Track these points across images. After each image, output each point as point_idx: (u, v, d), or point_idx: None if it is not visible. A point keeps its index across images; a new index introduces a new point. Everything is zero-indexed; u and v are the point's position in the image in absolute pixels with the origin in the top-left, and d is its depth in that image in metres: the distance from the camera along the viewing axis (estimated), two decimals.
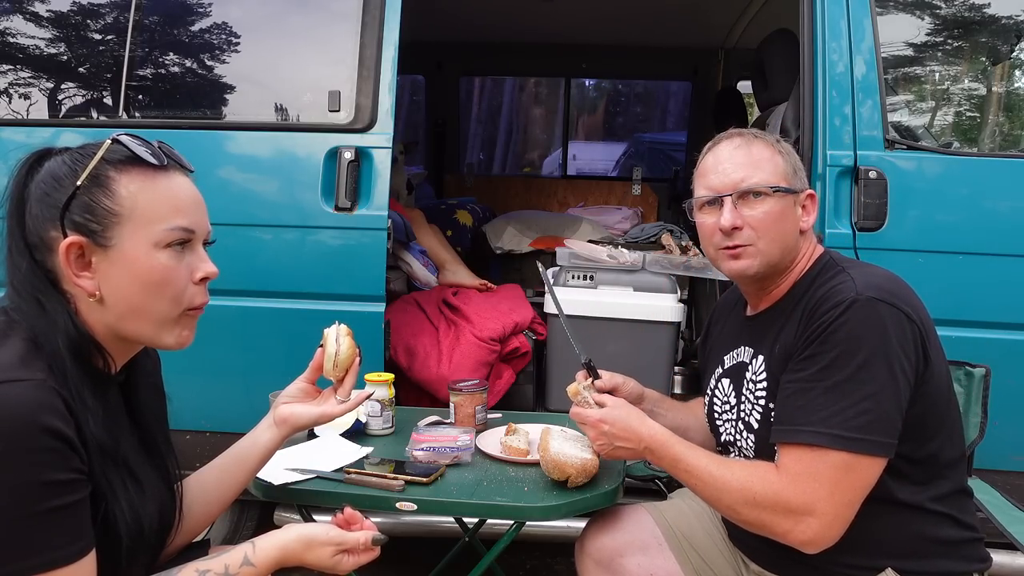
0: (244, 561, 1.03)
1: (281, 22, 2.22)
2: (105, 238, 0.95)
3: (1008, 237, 1.97)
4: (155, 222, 0.97)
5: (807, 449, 1.14)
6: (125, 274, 0.96)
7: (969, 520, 1.25)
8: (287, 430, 1.26)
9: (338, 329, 1.32)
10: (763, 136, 1.33)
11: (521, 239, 3.50)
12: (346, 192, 2.05)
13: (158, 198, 0.98)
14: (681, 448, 1.27)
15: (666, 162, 5.14)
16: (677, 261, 2.54)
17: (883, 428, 1.13)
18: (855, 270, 1.23)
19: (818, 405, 1.14)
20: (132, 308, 0.98)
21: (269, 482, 1.42)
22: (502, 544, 1.44)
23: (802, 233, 1.32)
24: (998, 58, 2.22)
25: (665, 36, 3.93)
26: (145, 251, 0.97)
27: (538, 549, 2.64)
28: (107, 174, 0.96)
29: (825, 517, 1.14)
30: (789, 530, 1.16)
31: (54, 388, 0.88)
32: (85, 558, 0.89)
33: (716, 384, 1.43)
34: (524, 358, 2.55)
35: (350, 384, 1.29)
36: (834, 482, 1.13)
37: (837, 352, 1.14)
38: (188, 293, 1.01)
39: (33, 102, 2.25)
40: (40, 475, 0.85)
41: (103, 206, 0.95)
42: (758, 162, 1.29)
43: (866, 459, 1.13)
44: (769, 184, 1.27)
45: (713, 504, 1.25)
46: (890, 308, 1.14)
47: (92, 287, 0.96)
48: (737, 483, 1.19)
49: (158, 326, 1.00)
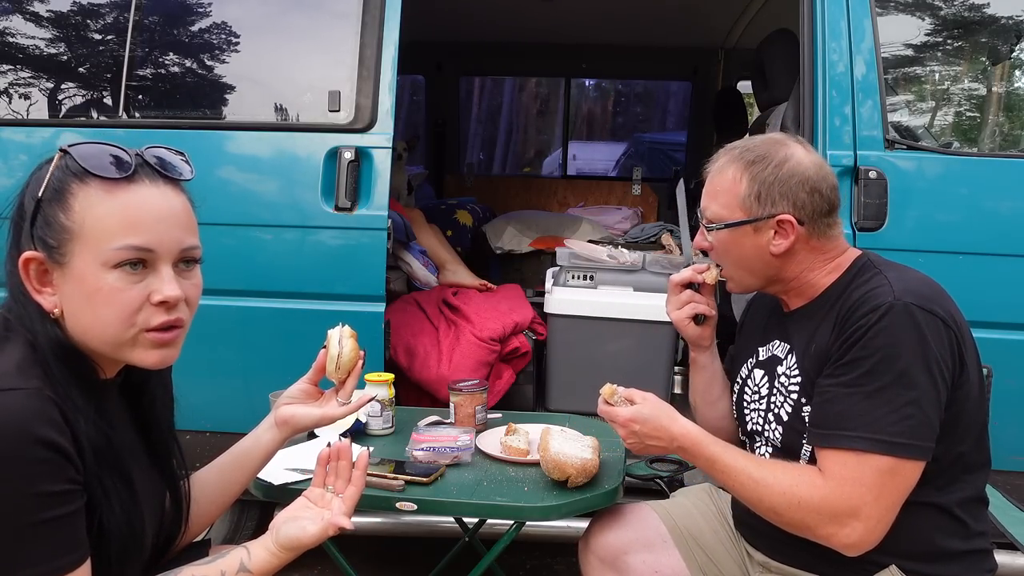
0: (240, 567, 1.02)
1: (281, 22, 2.22)
2: (60, 255, 0.91)
3: (1008, 237, 1.97)
4: (103, 240, 0.90)
5: (851, 454, 1.15)
6: (76, 293, 0.92)
7: (981, 528, 1.26)
8: (288, 431, 1.25)
9: (341, 331, 1.31)
10: (743, 156, 1.31)
11: (521, 239, 3.50)
12: (346, 192, 2.05)
13: (110, 214, 0.91)
14: (717, 448, 1.27)
15: (666, 162, 5.15)
16: (677, 261, 2.54)
17: (924, 433, 1.14)
18: (892, 273, 1.23)
19: (860, 410, 1.15)
20: (85, 327, 0.93)
21: (269, 482, 1.42)
22: (502, 544, 1.44)
23: (779, 256, 1.30)
24: (998, 58, 2.22)
25: (665, 36, 3.93)
26: (92, 271, 0.90)
27: (538, 549, 2.64)
28: (68, 187, 0.91)
29: (870, 521, 1.15)
30: (833, 534, 1.16)
31: (50, 397, 0.87)
32: (80, 569, 0.89)
33: (749, 373, 1.43)
34: (524, 358, 2.55)
35: (352, 386, 1.28)
36: (879, 486, 1.14)
37: (878, 358, 1.14)
38: (143, 315, 0.93)
39: (33, 102, 2.25)
40: (34, 486, 0.84)
41: (59, 222, 0.91)
42: (716, 192, 1.33)
43: (909, 463, 1.14)
44: (716, 218, 1.33)
45: (753, 505, 1.25)
46: (927, 314, 1.15)
47: (51, 304, 0.93)
48: (780, 487, 1.20)
49: (114, 347, 0.94)
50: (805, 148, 1.31)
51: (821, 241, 1.30)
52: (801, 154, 1.29)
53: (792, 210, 1.27)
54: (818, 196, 1.27)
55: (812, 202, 1.27)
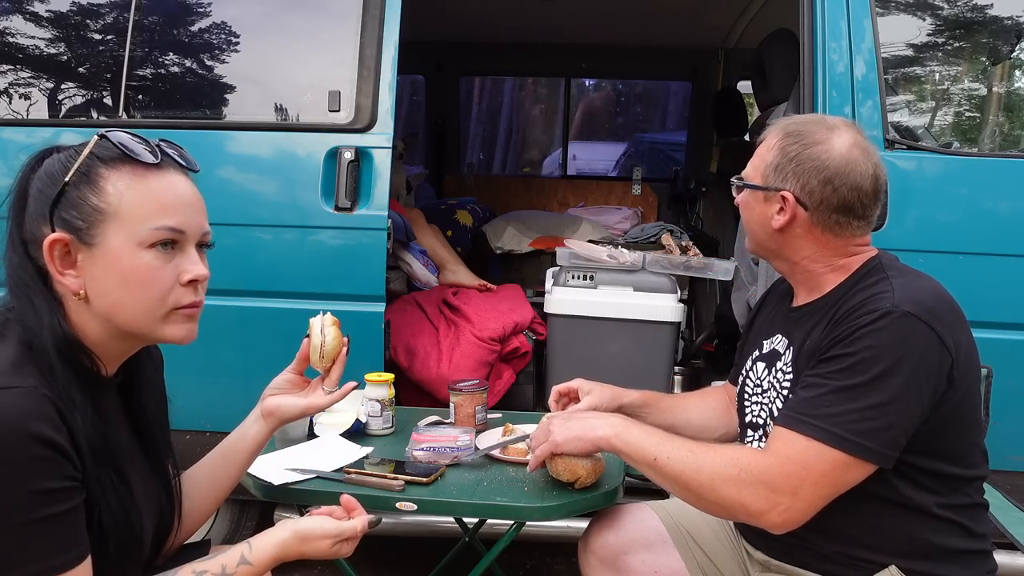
0: (241, 560, 1.03)
1: (281, 22, 2.22)
2: (90, 235, 0.94)
3: (1008, 237, 1.97)
4: (140, 221, 0.95)
5: (804, 438, 1.15)
6: (108, 272, 0.95)
7: (981, 530, 1.25)
8: (275, 422, 1.25)
9: (323, 319, 1.31)
10: (787, 127, 1.30)
11: (521, 239, 3.50)
12: (346, 192, 2.05)
13: (146, 197, 0.96)
14: (649, 429, 1.29)
15: (666, 162, 5.14)
16: (677, 261, 2.54)
17: (882, 438, 1.13)
18: (899, 279, 1.22)
19: (827, 402, 1.15)
20: (115, 306, 0.96)
21: (269, 482, 1.42)
22: (502, 544, 1.44)
23: (779, 231, 1.30)
24: (998, 58, 2.22)
25: (665, 36, 3.93)
26: (129, 250, 0.95)
27: (538, 549, 2.64)
28: (97, 171, 0.95)
29: (804, 503, 1.15)
30: (767, 510, 1.16)
31: (45, 395, 0.88)
32: (80, 566, 0.89)
33: (752, 366, 1.43)
34: (524, 358, 2.55)
35: (337, 374, 1.28)
36: (821, 474, 1.14)
37: (859, 357, 1.14)
38: (174, 294, 0.98)
39: (33, 102, 2.25)
40: (32, 484, 0.84)
41: (90, 203, 0.94)
42: (755, 153, 1.35)
43: (858, 462, 1.14)
44: (745, 175, 1.35)
45: (685, 483, 1.21)
46: (923, 326, 1.14)
47: (76, 285, 0.95)
48: (722, 458, 1.20)
49: (153, 323, 0.98)
50: (853, 141, 1.26)
51: (827, 236, 1.28)
52: (840, 144, 1.25)
53: (799, 191, 1.26)
54: (830, 189, 1.24)
55: (822, 192, 1.25)
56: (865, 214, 1.28)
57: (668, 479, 1.24)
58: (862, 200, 1.26)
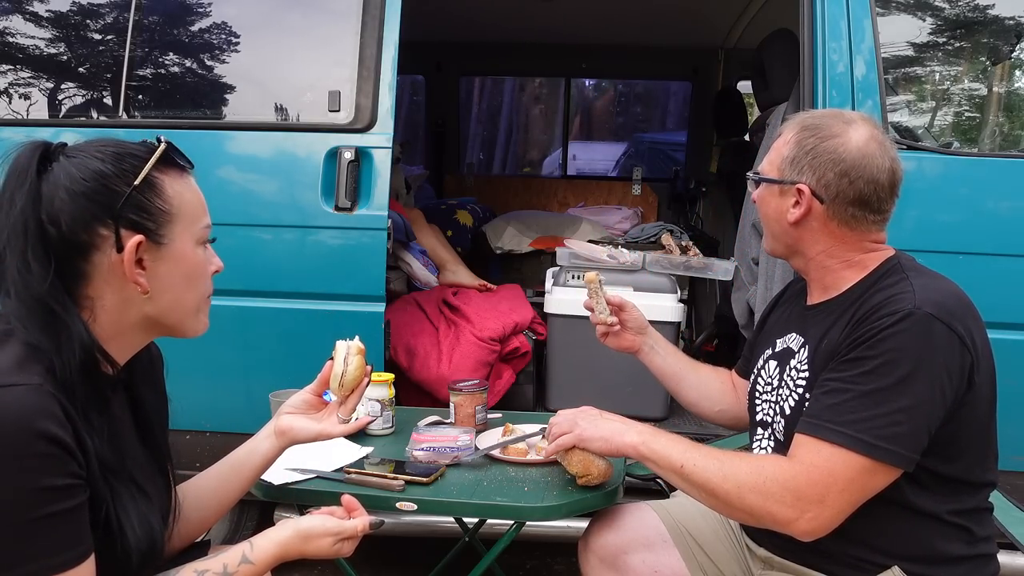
0: (243, 559, 1.03)
1: (281, 22, 2.22)
2: (160, 236, 0.99)
3: (1008, 237, 1.97)
4: (195, 220, 1.04)
5: (829, 445, 1.15)
6: (174, 269, 1.01)
7: (985, 534, 1.25)
8: (286, 441, 1.25)
9: (349, 345, 1.27)
10: (803, 121, 1.30)
11: (521, 239, 3.50)
12: (346, 192, 2.05)
13: (194, 198, 1.04)
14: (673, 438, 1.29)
15: (666, 162, 5.14)
16: (677, 261, 2.54)
17: (908, 442, 1.13)
18: (919, 280, 1.21)
19: (851, 407, 1.14)
20: (175, 300, 1.02)
21: (269, 482, 1.42)
22: (502, 544, 1.44)
23: (794, 225, 1.29)
24: (998, 58, 2.22)
25: (665, 36, 3.93)
26: (191, 247, 1.03)
27: (538, 549, 2.64)
28: (153, 174, 0.99)
29: (832, 510, 1.15)
30: (794, 519, 1.16)
31: (51, 392, 0.88)
32: (84, 563, 0.89)
33: (763, 364, 1.43)
34: (524, 358, 2.55)
35: (353, 403, 1.26)
36: (848, 480, 1.14)
37: (882, 360, 1.14)
38: (208, 284, 1.08)
39: (33, 102, 2.25)
40: (37, 481, 0.84)
41: (156, 205, 0.99)
42: (772, 148, 1.35)
43: (884, 467, 1.14)
44: (761, 170, 1.35)
45: (712, 486, 1.21)
46: (945, 328, 1.13)
47: (145, 284, 0.99)
48: (748, 466, 1.20)
49: (192, 315, 1.06)
50: (870, 135, 1.25)
51: (843, 230, 1.28)
52: (857, 137, 1.25)
53: (815, 184, 1.26)
54: (846, 181, 1.24)
55: (838, 185, 1.24)
56: (881, 208, 1.28)
57: (695, 487, 1.24)
58: (878, 193, 1.26)
